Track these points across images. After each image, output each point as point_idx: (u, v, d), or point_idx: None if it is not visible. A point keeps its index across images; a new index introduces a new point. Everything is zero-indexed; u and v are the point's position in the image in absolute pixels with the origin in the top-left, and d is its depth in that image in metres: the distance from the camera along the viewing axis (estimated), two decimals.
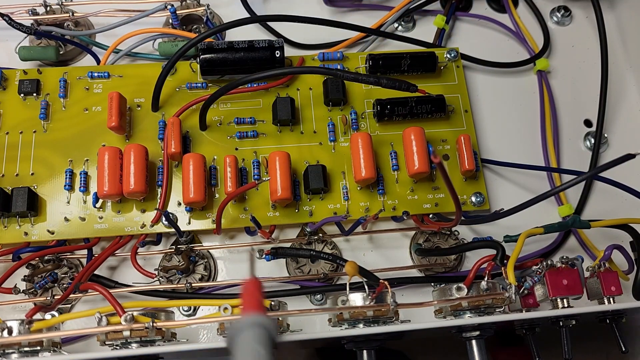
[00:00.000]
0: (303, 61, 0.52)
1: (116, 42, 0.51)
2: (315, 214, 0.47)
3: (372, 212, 0.47)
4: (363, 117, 0.50)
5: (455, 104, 0.51)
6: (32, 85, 0.49)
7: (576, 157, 0.53)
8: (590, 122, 0.55)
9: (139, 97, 0.50)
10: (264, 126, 0.49)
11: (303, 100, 0.50)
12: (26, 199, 0.45)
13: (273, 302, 0.37)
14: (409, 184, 0.48)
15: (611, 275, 0.41)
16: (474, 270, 0.39)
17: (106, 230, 0.46)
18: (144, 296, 0.45)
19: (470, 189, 0.49)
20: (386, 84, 0.43)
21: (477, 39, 0.57)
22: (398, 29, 0.57)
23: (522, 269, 0.42)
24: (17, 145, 0.48)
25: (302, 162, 0.48)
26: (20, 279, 0.45)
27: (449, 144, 0.50)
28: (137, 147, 0.45)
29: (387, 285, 0.37)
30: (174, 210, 0.47)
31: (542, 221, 0.46)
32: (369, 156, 0.46)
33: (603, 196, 0.51)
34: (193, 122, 0.49)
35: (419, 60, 0.51)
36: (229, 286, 0.46)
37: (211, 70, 0.49)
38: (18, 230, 0.45)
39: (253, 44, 0.49)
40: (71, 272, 0.46)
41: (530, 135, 0.54)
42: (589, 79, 0.56)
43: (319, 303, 0.47)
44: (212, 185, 0.47)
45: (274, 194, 0.45)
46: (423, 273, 0.48)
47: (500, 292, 0.39)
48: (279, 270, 0.48)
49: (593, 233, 0.50)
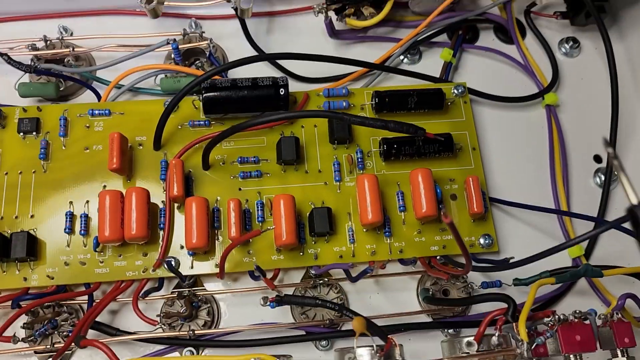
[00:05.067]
0: (308, 97, 0.51)
1: (118, 78, 0.50)
2: (320, 257, 0.46)
3: (378, 255, 0.46)
4: (369, 156, 0.49)
5: (462, 141, 0.50)
6: (32, 124, 0.48)
7: (586, 194, 0.52)
8: (600, 157, 0.54)
9: (140, 134, 0.49)
10: (268, 165, 0.48)
11: (308, 138, 0.49)
12: (25, 244, 0.44)
13: (278, 358, 0.37)
14: (416, 226, 0.47)
15: (624, 326, 0.40)
16: (484, 325, 0.38)
17: (107, 274, 0.45)
18: (147, 344, 0.45)
19: (478, 230, 0.48)
20: (394, 127, 0.42)
21: (484, 72, 0.56)
22: (404, 62, 0.56)
23: (533, 320, 0.41)
24: (16, 185, 0.47)
25: (307, 203, 0.47)
26: (20, 326, 0.44)
27: (457, 183, 0.49)
28: (138, 190, 0.44)
29: (396, 343, 0.36)
30: (176, 253, 0.46)
31: (552, 262, 0.45)
32: (375, 199, 0.45)
33: (614, 237, 0.50)
34: (196, 160, 0.48)
35: (426, 97, 0.50)
36: (232, 332, 0.45)
37: (214, 109, 0.48)
38: (17, 276, 0.44)
39: (257, 81, 0.48)
40: (71, 318, 0.45)
41: (539, 172, 0.53)
42: (598, 112, 0.55)
43: (324, 349, 0.46)
44: (215, 227, 0.46)
45: (278, 238, 0.44)
46: (431, 317, 0.47)
47: (512, 348, 0.38)
48: (283, 315, 0.47)
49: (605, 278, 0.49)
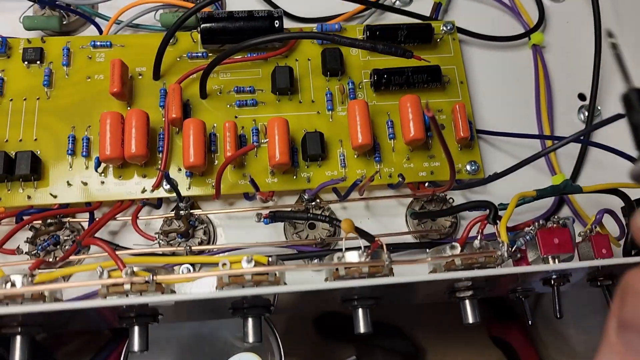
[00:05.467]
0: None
1: (118, 13, 0.52)
2: (313, 181, 0.48)
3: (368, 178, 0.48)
4: (360, 87, 0.51)
5: (451, 75, 0.52)
6: (36, 53, 0.50)
7: (570, 129, 0.54)
8: (584, 95, 0.56)
9: (140, 66, 0.50)
10: (263, 95, 0.50)
11: (301, 71, 0.51)
12: (29, 163, 0.45)
13: (270, 258, 0.38)
14: (405, 152, 0.49)
15: (602, 238, 0.42)
16: (467, 229, 0.40)
17: (107, 195, 0.47)
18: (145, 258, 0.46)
19: (465, 157, 0.50)
20: (382, 49, 0.44)
21: (472, 13, 0.58)
22: (396, 4, 0.58)
23: (515, 231, 0.43)
24: (20, 111, 0.48)
25: (301, 131, 0.49)
26: (23, 242, 0.46)
27: (445, 114, 0.51)
28: (138, 112, 0.46)
29: (382, 243, 0.38)
30: (174, 175, 0.47)
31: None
32: (365, 123, 0.47)
33: (596, 166, 0.52)
34: (194, 90, 0.50)
35: (415, 31, 0.52)
36: (227, 250, 0.47)
37: (211, 39, 0.50)
38: (21, 194, 0.46)
39: (252, 13, 0.50)
40: (73, 235, 0.47)
41: (525, 108, 0.55)
42: (582, 54, 0.57)
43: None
44: (212, 151, 0.48)
45: (272, 159, 0.46)
46: (419, 239, 0.49)
47: (493, 250, 0.39)
48: (277, 236, 0.48)
49: (586, 202, 0.51)
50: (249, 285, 0.37)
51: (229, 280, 0.37)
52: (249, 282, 0.37)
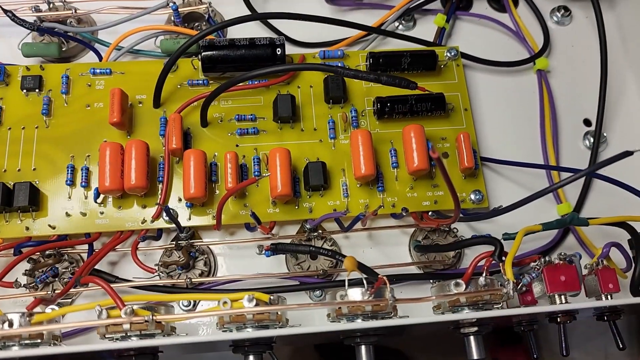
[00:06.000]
0: (304, 59, 0.52)
1: (118, 39, 0.51)
2: (315, 211, 0.47)
3: (371, 209, 0.47)
4: (363, 115, 0.50)
5: (455, 102, 0.52)
6: (35, 81, 0.49)
7: (575, 156, 0.54)
8: (589, 121, 0.55)
9: (140, 93, 0.50)
10: (265, 123, 0.50)
11: (304, 98, 0.51)
12: (28, 194, 0.45)
13: (272, 296, 0.38)
14: (408, 182, 0.49)
15: (609, 272, 0.41)
16: (472, 266, 0.39)
17: (107, 225, 0.46)
18: (144, 291, 0.46)
19: (469, 186, 0.49)
20: (386, 81, 0.43)
21: (477, 38, 0.57)
22: (399, 28, 0.57)
23: (520, 266, 0.42)
24: (19, 140, 0.48)
25: (303, 159, 0.49)
26: (21, 274, 0.45)
27: (449, 142, 0.50)
28: (138, 142, 0.45)
29: (386, 280, 0.38)
30: (174, 206, 0.47)
31: (541, 220, 0.46)
32: (368, 153, 0.46)
33: (601, 195, 0.52)
34: (194, 118, 0.49)
35: (419, 58, 0.51)
36: (228, 282, 0.46)
37: (212, 68, 0.49)
38: (19, 225, 0.46)
39: (254, 41, 0.49)
40: (72, 267, 0.46)
41: (530, 135, 0.54)
42: (588, 78, 0.56)
43: (318, 299, 0.47)
44: (213, 181, 0.47)
45: (274, 190, 0.45)
46: (422, 270, 0.48)
47: (498, 288, 0.39)
48: (278, 266, 0.48)
49: (592, 232, 0.50)
50: (251, 323, 0.37)
51: (230, 318, 0.37)
52: (250, 321, 0.37)
